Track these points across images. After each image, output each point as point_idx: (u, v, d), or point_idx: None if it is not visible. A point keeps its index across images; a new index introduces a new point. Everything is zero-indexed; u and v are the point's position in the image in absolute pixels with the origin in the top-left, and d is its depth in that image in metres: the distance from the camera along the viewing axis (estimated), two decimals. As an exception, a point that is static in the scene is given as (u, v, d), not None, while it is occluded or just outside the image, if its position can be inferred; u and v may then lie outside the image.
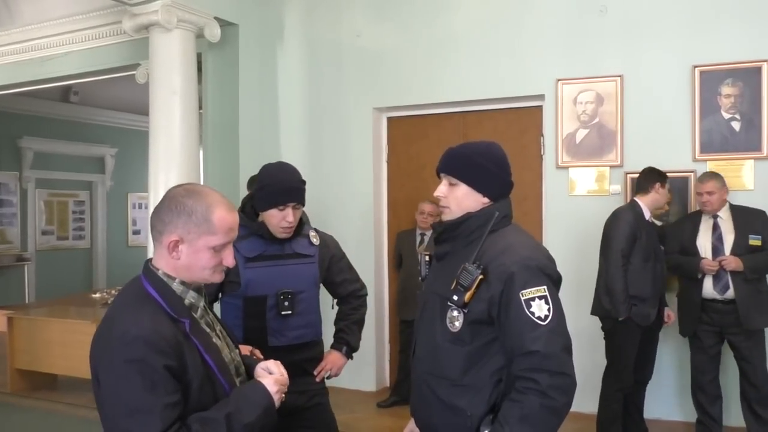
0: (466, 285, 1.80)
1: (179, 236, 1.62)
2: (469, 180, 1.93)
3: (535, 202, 5.04)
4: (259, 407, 1.62)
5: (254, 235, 2.54)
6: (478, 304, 1.80)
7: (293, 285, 2.53)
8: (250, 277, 2.50)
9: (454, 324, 1.84)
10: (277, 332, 2.51)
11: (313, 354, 2.65)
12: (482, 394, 1.81)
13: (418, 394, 1.98)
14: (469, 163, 1.93)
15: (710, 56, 4.51)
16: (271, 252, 2.54)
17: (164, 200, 1.66)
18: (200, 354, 1.61)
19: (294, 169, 2.60)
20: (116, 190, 11.36)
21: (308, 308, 2.58)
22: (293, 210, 2.49)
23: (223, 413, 1.55)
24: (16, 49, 6.51)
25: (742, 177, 4.47)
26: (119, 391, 1.49)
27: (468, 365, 1.83)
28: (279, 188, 2.49)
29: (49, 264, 10.46)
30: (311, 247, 2.63)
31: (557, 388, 1.71)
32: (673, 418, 4.62)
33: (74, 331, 5.42)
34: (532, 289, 1.76)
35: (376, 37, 5.50)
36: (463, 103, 5.29)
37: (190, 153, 4.92)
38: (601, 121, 4.80)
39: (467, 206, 1.93)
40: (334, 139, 5.63)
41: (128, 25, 4.92)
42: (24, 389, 5.83)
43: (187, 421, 1.52)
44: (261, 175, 2.57)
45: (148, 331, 1.51)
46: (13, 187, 10.09)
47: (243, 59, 5.43)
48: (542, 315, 1.74)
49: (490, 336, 1.82)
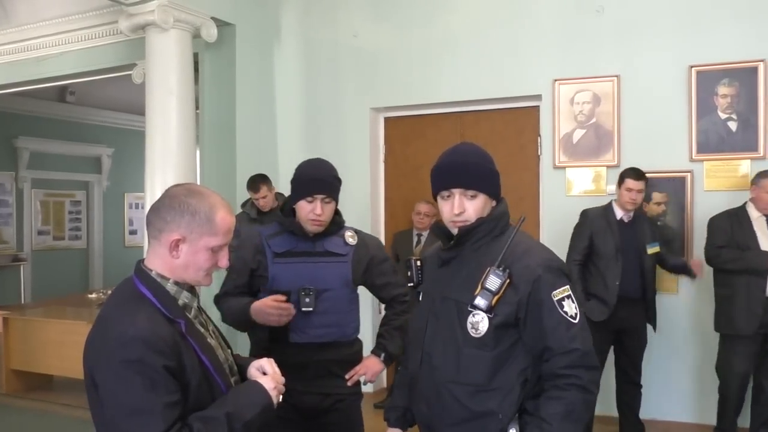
0: (494, 289, 1.78)
1: (181, 235, 1.61)
2: (488, 189, 1.91)
3: (532, 202, 5.04)
4: (257, 406, 1.63)
5: (287, 232, 2.55)
6: (505, 308, 1.80)
7: (318, 282, 2.50)
8: (276, 272, 2.51)
9: (477, 329, 1.82)
10: (298, 329, 2.49)
11: (340, 356, 2.58)
12: (512, 396, 1.81)
13: (435, 403, 1.91)
14: (484, 172, 1.91)
15: (707, 56, 4.51)
16: (300, 249, 2.54)
17: (165, 199, 1.65)
18: (197, 354, 1.60)
19: (327, 163, 2.61)
20: (113, 190, 11.34)
21: (334, 308, 2.53)
22: (322, 203, 2.48)
23: (222, 412, 1.55)
24: (12, 49, 6.49)
25: (738, 177, 4.47)
26: (118, 392, 1.48)
27: (495, 369, 1.82)
28: (307, 179, 2.51)
29: (45, 264, 10.43)
30: (345, 246, 2.60)
31: (594, 382, 1.79)
32: (669, 419, 4.63)
33: (70, 332, 5.40)
34: (560, 290, 1.81)
35: (373, 38, 5.50)
36: (460, 104, 5.29)
37: (187, 153, 4.92)
38: (598, 122, 4.80)
39: (484, 213, 1.91)
40: (331, 139, 5.62)
41: (124, 24, 4.90)
42: (19, 390, 5.82)
43: (188, 420, 1.51)
44: (295, 170, 2.59)
45: (146, 331, 1.50)
46: (9, 187, 10.06)
47: (240, 59, 5.41)
48: (573, 314, 1.80)
49: (514, 338, 1.83)
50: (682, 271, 4.28)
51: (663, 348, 4.61)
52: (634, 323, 4.14)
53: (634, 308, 4.09)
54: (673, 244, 4.59)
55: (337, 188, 2.58)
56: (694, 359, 4.59)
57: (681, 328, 4.60)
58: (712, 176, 4.53)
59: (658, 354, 4.61)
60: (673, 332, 4.60)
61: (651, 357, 4.58)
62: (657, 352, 4.60)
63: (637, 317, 4.13)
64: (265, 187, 4.78)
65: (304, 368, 2.49)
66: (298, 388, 2.45)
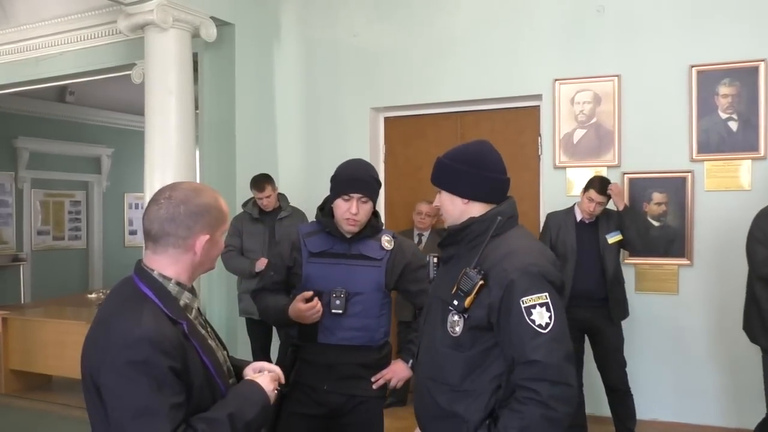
0: (466, 290, 1.79)
1: (209, 234, 1.64)
2: (445, 185, 1.97)
3: (533, 202, 5.03)
4: (257, 405, 1.63)
5: (324, 232, 2.56)
6: (478, 310, 1.79)
7: (351, 285, 2.50)
8: (310, 272, 2.52)
9: (454, 329, 1.83)
10: (327, 330, 2.50)
11: (368, 360, 2.57)
12: (480, 400, 1.79)
13: (420, 399, 1.98)
14: (443, 169, 1.97)
15: (707, 56, 4.50)
16: (336, 250, 2.54)
17: (177, 206, 1.61)
18: (199, 356, 1.59)
19: (367, 164, 2.60)
20: (112, 190, 11.33)
21: (365, 312, 2.53)
22: (359, 203, 2.47)
23: (225, 413, 1.55)
24: (11, 49, 6.48)
25: (739, 177, 4.46)
26: (124, 393, 1.46)
27: (467, 371, 1.82)
28: (344, 177, 2.50)
29: (45, 264, 10.43)
30: (381, 251, 2.58)
31: (558, 398, 1.68)
32: (669, 420, 4.62)
33: (69, 332, 5.39)
34: (533, 296, 1.73)
35: (373, 37, 5.49)
36: (461, 103, 5.28)
37: (187, 153, 4.90)
38: (599, 121, 4.79)
39: (452, 211, 1.96)
40: (331, 139, 5.61)
41: (123, 24, 4.89)
42: (18, 390, 5.82)
43: (191, 421, 1.50)
44: (336, 169, 2.58)
45: (152, 331, 1.49)
46: (9, 187, 10.05)
47: (239, 59, 5.40)
48: (543, 323, 1.72)
49: (490, 342, 1.80)
50: (626, 225, 4.10)
51: (662, 348, 4.60)
52: (598, 323, 4.08)
53: (599, 308, 4.06)
54: (674, 245, 4.59)
55: (375, 189, 2.55)
56: (694, 360, 4.57)
57: (680, 329, 4.59)
58: (712, 176, 4.52)
59: (657, 354, 4.60)
60: (672, 332, 4.59)
61: (649, 357, 4.58)
62: (656, 353, 4.59)
63: (601, 317, 4.08)
64: (270, 186, 4.77)
65: (331, 369, 2.51)
66: (324, 387, 2.51)
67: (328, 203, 2.59)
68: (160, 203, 1.63)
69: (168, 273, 1.63)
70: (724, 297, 4.45)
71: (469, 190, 1.93)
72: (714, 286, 4.50)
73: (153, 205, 1.63)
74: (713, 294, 4.51)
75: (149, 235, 1.64)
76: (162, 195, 1.65)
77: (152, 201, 1.64)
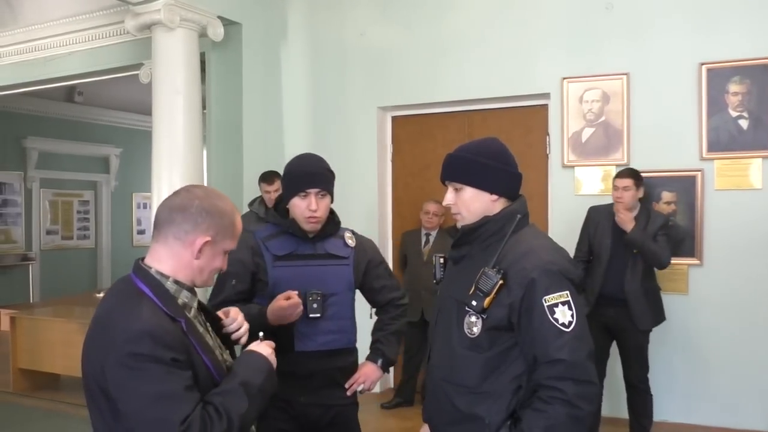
0: (485, 290, 1.75)
1: (211, 237, 1.62)
2: (472, 181, 1.87)
3: (541, 201, 5.00)
4: (263, 372, 1.64)
5: (286, 234, 2.42)
6: (498, 310, 1.76)
7: (324, 286, 2.39)
8: (279, 276, 2.38)
9: (472, 330, 1.79)
10: (305, 336, 2.37)
11: (345, 363, 2.47)
12: (501, 402, 1.76)
13: (434, 401, 1.93)
14: (468, 164, 1.88)
15: (717, 53, 4.46)
16: (302, 251, 2.41)
17: (194, 200, 1.62)
18: (198, 353, 1.58)
19: (318, 157, 2.48)
20: (121, 189, 11.38)
21: (340, 313, 2.43)
22: (316, 198, 2.35)
23: (236, 382, 1.56)
24: (19, 50, 6.51)
25: (749, 176, 4.42)
26: (136, 384, 1.45)
27: (486, 372, 1.78)
28: (298, 173, 2.39)
29: (53, 264, 10.49)
30: (346, 248, 2.48)
31: (583, 397, 1.67)
32: (679, 421, 4.58)
33: (78, 331, 5.40)
34: (554, 295, 1.71)
35: (381, 36, 5.48)
36: (468, 102, 5.26)
37: (194, 153, 4.90)
38: (607, 120, 4.76)
39: (477, 208, 1.88)
40: (339, 138, 5.60)
41: (131, 24, 4.90)
42: (26, 389, 5.84)
43: (206, 398, 1.51)
44: (285, 167, 2.47)
45: (152, 325, 1.48)
46: (18, 187, 10.11)
47: (246, 58, 5.40)
48: (566, 321, 1.70)
49: (509, 342, 1.77)
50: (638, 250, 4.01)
51: (672, 348, 4.57)
52: (623, 324, 4.04)
53: (623, 309, 4.01)
54: (684, 244, 4.55)
55: (330, 181, 2.44)
56: (705, 360, 4.53)
57: (691, 328, 4.55)
58: (722, 175, 4.48)
59: (667, 354, 4.56)
60: (682, 332, 4.56)
61: (659, 357, 4.54)
62: (666, 353, 4.56)
63: (626, 319, 4.02)
64: (279, 181, 4.76)
65: (310, 378, 2.39)
66: (302, 400, 2.39)
67: (281, 203, 2.48)
68: (179, 193, 1.66)
69: (165, 270, 1.62)
70: (734, 297, 4.42)
71: (499, 185, 1.87)
72: (724, 286, 4.46)
73: (171, 195, 1.67)
74: (724, 294, 4.47)
75: (157, 221, 1.65)
76: (184, 188, 1.69)
77: (173, 192, 1.68)
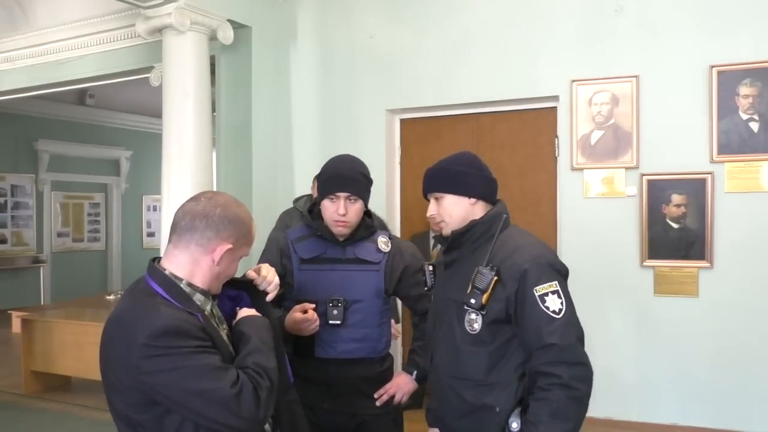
0: (482, 287, 1.87)
1: (232, 245, 1.64)
2: (450, 188, 2.03)
3: (550, 204, 4.99)
4: (267, 328, 1.70)
5: (315, 236, 2.36)
6: (496, 305, 1.88)
7: (348, 293, 2.30)
8: (303, 279, 2.32)
9: (473, 326, 1.91)
10: (325, 343, 2.29)
11: (370, 373, 2.37)
12: (509, 390, 1.88)
13: (442, 398, 2.03)
14: (445, 173, 2.05)
15: (728, 56, 4.44)
16: (329, 255, 2.34)
17: (215, 207, 1.64)
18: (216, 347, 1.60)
19: (354, 160, 2.39)
20: (131, 192, 11.44)
21: (365, 321, 2.32)
22: (346, 202, 2.28)
23: (257, 342, 1.61)
24: (31, 53, 6.57)
25: (760, 179, 4.39)
26: (174, 367, 1.45)
27: (491, 364, 1.90)
28: (330, 175, 2.31)
29: (64, 266, 10.56)
30: (378, 253, 2.38)
31: (578, 378, 1.79)
32: (689, 424, 4.56)
33: (88, 333, 5.44)
34: (544, 285, 1.85)
35: (389, 39, 5.48)
36: (477, 105, 5.25)
37: (203, 155, 4.92)
38: (617, 122, 4.75)
39: (459, 214, 2.03)
40: (347, 140, 5.60)
41: (142, 27, 4.93)
42: (38, 391, 5.87)
43: (237, 363, 1.56)
44: (322, 166, 2.40)
45: (174, 319, 1.50)
46: (29, 190, 10.19)
47: (256, 61, 5.42)
48: (556, 309, 1.83)
49: (509, 333, 1.90)
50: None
51: (681, 352, 4.54)
52: None
53: None
54: (694, 247, 4.53)
55: (364, 186, 2.35)
56: (714, 363, 4.51)
57: (700, 332, 4.52)
58: (733, 178, 4.46)
59: (677, 357, 4.54)
60: (692, 336, 4.53)
61: (669, 361, 4.52)
62: (675, 356, 4.54)
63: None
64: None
65: (330, 385, 2.33)
66: (324, 406, 2.33)
67: (316, 205, 2.42)
68: (199, 200, 1.67)
69: (180, 273, 1.63)
70: (745, 300, 4.39)
71: (475, 189, 2.04)
72: (735, 289, 4.44)
73: (191, 201, 1.68)
74: (734, 297, 4.44)
75: (177, 227, 1.65)
76: (204, 194, 1.71)
77: (192, 198, 1.70)
